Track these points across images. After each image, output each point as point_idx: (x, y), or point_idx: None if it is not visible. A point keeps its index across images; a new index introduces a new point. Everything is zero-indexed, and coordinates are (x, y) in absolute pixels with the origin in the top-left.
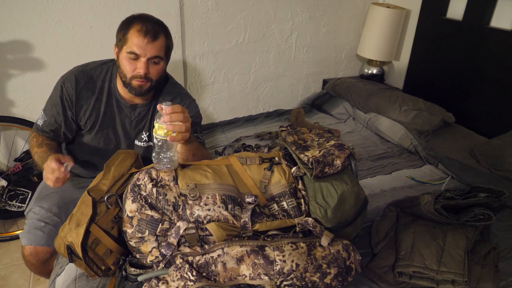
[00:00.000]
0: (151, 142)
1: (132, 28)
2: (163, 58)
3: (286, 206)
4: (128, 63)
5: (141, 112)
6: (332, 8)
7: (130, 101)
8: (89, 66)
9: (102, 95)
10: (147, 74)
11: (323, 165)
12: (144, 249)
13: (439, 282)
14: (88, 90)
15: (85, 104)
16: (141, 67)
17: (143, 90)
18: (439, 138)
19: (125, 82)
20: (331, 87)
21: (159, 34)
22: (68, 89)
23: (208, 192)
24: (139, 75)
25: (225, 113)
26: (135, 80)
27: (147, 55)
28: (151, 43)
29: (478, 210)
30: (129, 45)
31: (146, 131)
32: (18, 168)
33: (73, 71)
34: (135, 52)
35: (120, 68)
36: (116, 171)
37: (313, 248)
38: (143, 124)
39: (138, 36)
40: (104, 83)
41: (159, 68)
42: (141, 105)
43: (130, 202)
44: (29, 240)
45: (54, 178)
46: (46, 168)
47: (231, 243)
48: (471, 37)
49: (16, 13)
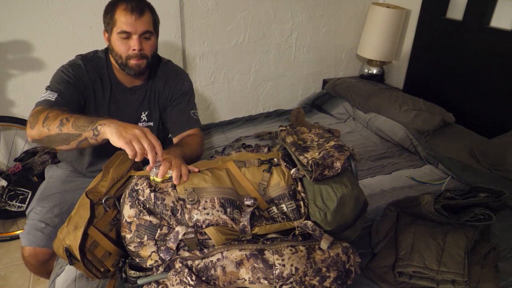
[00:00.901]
0: (150, 122)
1: (117, 8)
2: (153, 33)
3: (286, 208)
4: (121, 43)
5: (140, 93)
6: (332, 8)
7: (130, 83)
8: (88, 56)
9: (104, 81)
10: (142, 50)
11: (322, 168)
12: (144, 253)
13: (439, 282)
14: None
15: (92, 92)
16: (134, 44)
17: (141, 69)
18: (439, 138)
19: (122, 64)
20: (331, 87)
21: (145, 10)
22: (78, 71)
23: (206, 196)
24: (134, 53)
25: (225, 113)
26: (131, 60)
27: (138, 31)
28: (139, 19)
29: (478, 210)
30: (119, 25)
31: (145, 111)
32: (18, 168)
33: (75, 60)
34: (125, 30)
35: (114, 51)
36: (115, 173)
37: (312, 251)
38: (144, 105)
39: (126, 15)
40: (103, 69)
41: (151, 43)
42: (139, 87)
43: (128, 208)
44: (28, 241)
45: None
46: (129, 126)
47: (230, 247)
48: (471, 37)
49: (16, 13)
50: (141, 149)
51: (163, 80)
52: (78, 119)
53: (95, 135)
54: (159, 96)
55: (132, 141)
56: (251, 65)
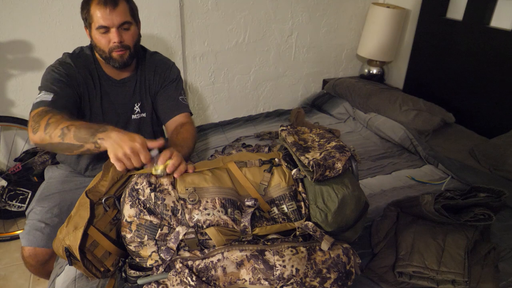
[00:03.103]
0: (144, 113)
1: (91, 3)
2: (131, 22)
3: (286, 209)
4: (101, 37)
5: (130, 85)
6: (332, 8)
7: (118, 76)
8: (75, 53)
9: (94, 78)
10: (122, 41)
11: (324, 169)
12: (144, 253)
13: (439, 282)
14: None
15: (86, 90)
16: (114, 37)
17: (125, 59)
18: (439, 138)
19: (106, 58)
20: (331, 87)
21: (119, 0)
22: (69, 70)
23: (207, 196)
24: (115, 45)
25: (225, 113)
26: (113, 52)
27: (116, 24)
28: (114, 11)
29: (478, 210)
30: (95, 20)
31: (137, 102)
32: (18, 168)
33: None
34: (102, 25)
35: (97, 46)
36: (114, 172)
37: (313, 252)
38: (135, 97)
39: (100, 9)
40: (91, 65)
41: (132, 33)
42: (128, 79)
43: (129, 207)
44: (28, 241)
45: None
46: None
47: (231, 247)
48: (471, 37)
49: (16, 13)
50: (130, 166)
51: (152, 70)
52: (79, 130)
53: (96, 147)
54: (150, 86)
55: (122, 159)
56: (251, 65)
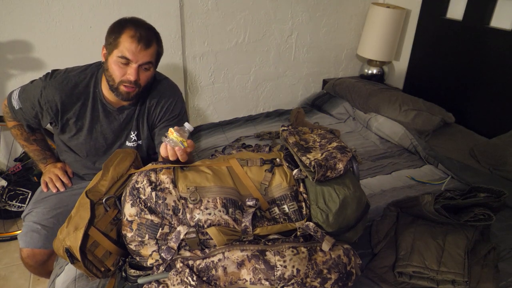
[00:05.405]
0: (140, 141)
1: (124, 32)
2: (153, 64)
3: (287, 209)
4: (118, 67)
5: (129, 113)
6: (332, 8)
7: (117, 104)
8: (73, 73)
9: (88, 101)
10: (137, 80)
11: (325, 169)
12: (144, 252)
13: (439, 282)
14: (72, 97)
15: (71, 111)
16: (131, 73)
17: (130, 96)
18: (439, 138)
19: (113, 86)
20: (331, 87)
21: (152, 41)
22: (48, 96)
23: (208, 196)
24: (128, 80)
25: (225, 113)
26: (123, 85)
27: (139, 61)
28: (144, 51)
29: (478, 210)
30: (121, 49)
31: (134, 131)
32: (18, 168)
33: (56, 80)
34: (127, 57)
35: (108, 72)
36: (114, 172)
37: (314, 252)
38: (132, 124)
39: (132, 42)
40: (89, 88)
41: (148, 74)
42: (128, 106)
43: (129, 206)
44: (26, 242)
45: (58, 185)
46: (49, 173)
47: (231, 247)
48: (471, 37)
49: (16, 13)
50: (53, 188)
51: (155, 100)
52: (33, 152)
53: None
54: (149, 114)
55: (48, 183)
56: (251, 65)
